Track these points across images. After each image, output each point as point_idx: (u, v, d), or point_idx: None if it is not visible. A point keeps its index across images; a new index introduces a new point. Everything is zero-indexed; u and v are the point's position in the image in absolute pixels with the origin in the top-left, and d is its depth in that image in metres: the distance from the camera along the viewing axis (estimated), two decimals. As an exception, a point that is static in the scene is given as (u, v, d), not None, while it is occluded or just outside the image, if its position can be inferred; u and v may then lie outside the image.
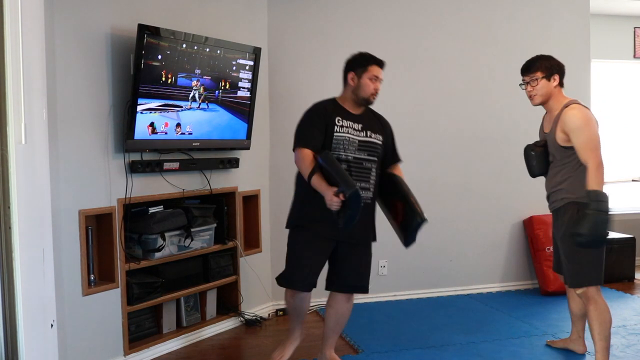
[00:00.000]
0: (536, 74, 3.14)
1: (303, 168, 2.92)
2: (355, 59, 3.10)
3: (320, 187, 2.82)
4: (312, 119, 3.00)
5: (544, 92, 3.14)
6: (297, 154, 2.95)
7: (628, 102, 5.96)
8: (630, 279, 5.13)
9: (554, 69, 3.13)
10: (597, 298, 3.01)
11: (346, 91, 3.11)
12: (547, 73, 3.12)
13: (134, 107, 3.22)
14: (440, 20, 4.69)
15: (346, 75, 3.10)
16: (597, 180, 2.87)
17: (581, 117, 2.99)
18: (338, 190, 2.73)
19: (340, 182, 2.74)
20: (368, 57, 3.09)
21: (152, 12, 3.43)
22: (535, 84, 3.15)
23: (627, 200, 5.89)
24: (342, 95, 3.12)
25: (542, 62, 3.15)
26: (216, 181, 3.89)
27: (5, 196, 2.28)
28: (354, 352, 3.57)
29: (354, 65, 3.07)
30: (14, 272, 2.29)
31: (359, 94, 3.06)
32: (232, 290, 4.08)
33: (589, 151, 2.93)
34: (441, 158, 4.69)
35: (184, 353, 3.60)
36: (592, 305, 3.02)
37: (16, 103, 2.25)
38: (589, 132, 2.96)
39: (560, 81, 3.15)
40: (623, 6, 5.42)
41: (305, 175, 2.89)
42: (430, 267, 4.71)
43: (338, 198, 2.72)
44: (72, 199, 3.07)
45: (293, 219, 3.10)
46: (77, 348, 3.10)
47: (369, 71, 3.04)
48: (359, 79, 3.04)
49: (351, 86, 3.07)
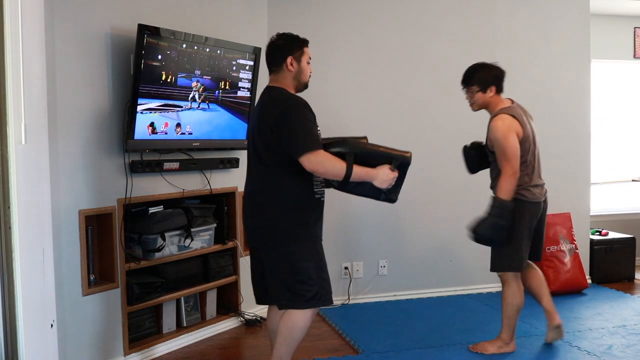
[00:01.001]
0: (472, 88, 3.37)
1: (335, 167, 2.60)
2: (289, 41, 2.75)
3: (369, 173, 2.65)
4: (309, 117, 2.67)
5: (480, 103, 3.39)
6: (318, 157, 2.58)
7: (628, 102, 5.95)
8: (630, 279, 5.13)
9: (490, 82, 3.33)
10: (512, 282, 3.36)
11: (285, 79, 2.75)
12: (482, 87, 3.34)
13: (134, 107, 3.22)
14: (440, 20, 4.69)
15: (282, 61, 2.72)
16: (506, 188, 3.18)
17: (501, 128, 3.21)
18: (394, 164, 2.67)
19: (390, 156, 2.68)
20: (300, 38, 2.78)
21: (152, 12, 3.43)
22: (472, 96, 3.38)
23: (627, 200, 5.89)
24: (283, 84, 2.75)
25: (479, 75, 3.34)
26: (216, 181, 3.89)
27: (5, 196, 2.28)
28: (354, 352, 3.57)
29: (291, 48, 2.73)
30: (14, 272, 2.29)
31: (300, 80, 2.77)
32: (232, 290, 4.08)
33: (503, 161, 3.20)
34: (441, 158, 4.69)
35: (184, 353, 3.60)
36: (505, 287, 3.38)
37: (16, 103, 2.26)
38: (505, 144, 3.19)
39: (498, 90, 3.35)
40: (623, 6, 5.42)
41: (342, 171, 2.60)
42: (430, 267, 4.71)
43: (395, 173, 2.68)
44: (72, 199, 3.07)
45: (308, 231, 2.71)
46: (77, 348, 3.10)
47: (305, 53, 2.77)
48: (298, 63, 2.74)
49: (292, 72, 2.73)
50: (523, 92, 4.49)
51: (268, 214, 2.70)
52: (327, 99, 4.39)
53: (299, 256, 2.68)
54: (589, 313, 4.25)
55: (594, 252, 5.07)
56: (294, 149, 2.59)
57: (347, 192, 2.81)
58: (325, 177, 2.69)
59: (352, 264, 4.57)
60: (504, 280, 3.39)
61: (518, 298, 3.37)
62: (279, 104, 2.66)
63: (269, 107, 2.69)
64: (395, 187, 2.73)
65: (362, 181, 2.68)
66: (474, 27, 4.74)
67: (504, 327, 3.44)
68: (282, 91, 2.72)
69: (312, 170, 2.61)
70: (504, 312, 3.41)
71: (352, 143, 2.68)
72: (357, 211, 4.52)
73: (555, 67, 4.92)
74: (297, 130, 2.60)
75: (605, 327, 3.92)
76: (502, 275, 3.40)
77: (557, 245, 4.75)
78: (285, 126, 2.60)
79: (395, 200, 2.80)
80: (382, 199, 2.79)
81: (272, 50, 2.76)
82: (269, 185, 2.69)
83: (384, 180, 2.67)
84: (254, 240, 2.82)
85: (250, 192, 2.78)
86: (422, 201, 4.69)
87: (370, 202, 2.88)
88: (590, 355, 3.44)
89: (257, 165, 2.72)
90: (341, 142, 2.69)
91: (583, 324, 4.02)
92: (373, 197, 2.79)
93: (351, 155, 2.62)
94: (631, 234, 5.29)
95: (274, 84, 2.76)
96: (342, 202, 4.47)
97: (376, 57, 4.57)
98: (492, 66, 3.37)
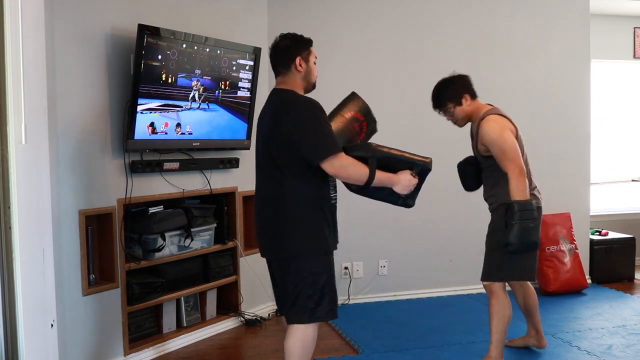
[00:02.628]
0: (448, 106, 3.19)
1: (359, 172, 2.53)
2: (296, 42, 2.67)
3: (391, 178, 2.59)
4: (325, 118, 2.59)
5: (463, 116, 3.21)
6: (342, 161, 2.49)
7: (628, 102, 5.95)
8: (630, 279, 5.13)
9: (460, 92, 3.16)
10: (500, 293, 3.14)
11: (295, 80, 2.66)
12: (455, 100, 3.16)
13: (134, 107, 3.22)
14: (440, 20, 4.69)
15: (290, 62, 2.64)
16: (519, 188, 2.95)
17: (494, 128, 3.05)
18: (415, 170, 2.64)
19: (412, 162, 2.65)
20: (305, 38, 2.71)
21: (152, 12, 3.43)
22: (451, 114, 3.22)
23: (627, 200, 5.89)
24: (292, 86, 2.66)
25: (446, 92, 3.18)
26: (216, 181, 3.90)
27: (5, 196, 2.28)
28: (354, 352, 3.57)
29: (299, 48, 2.65)
30: (14, 272, 2.29)
31: (310, 80, 2.70)
32: (232, 290, 4.08)
33: (506, 161, 3.00)
34: (441, 158, 4.66)
35: (184, 353, 3.60)
36: (494, 299, 3.15)
37: (16, 103, 2.26)
38: (503, 143, 3.01)
39: (472, 95, 3.18)
40: (623, 6, 5.42)
41: (365, 176, 2.54)
42: (430, 267, 4.71)
43: (416, 179, 2.64)
44: (72, 199, 3.07)
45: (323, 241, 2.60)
46: (77, 348, 3.10)
47: (312, 53, 2.71)
48: (307, 63, 2.67)
49: (300, 73, 2.65)
50: (523, 92, 4.50)
51: (283, 220, 2.58)
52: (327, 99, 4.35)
53: (312, 268, 2.57)
54: (588, 313, 4.25)
55: (594, 252, 5.07)
56: (314, 153, 2.49)
57: (365, 196, 2.75)
58: (347, 181, 2.63)
59: (352, 264, 4.57)
60: (492, 291, 3.15)
61: (508, 309, 3.14)
62: (292, 108, 2.56)
63: (282, 110, 2.58)
64: (413, 192, 2.70)
65: (382, 186, 2.65)
66: (474, 27, 4.74)
67: (494, 344, 3.14)
68: (294, 94, 2.62)
69: (335, 175, 2.54)
70: (495, 326, 3.13)
71: (375, 148, 2.63)
72: (357, 211, 4.51)
73: (555, 67, 4.92)
74: (316, 134, 2.50)
75: (605, 327, 3.92)
76: (489, 286, 3.16)
77: (557, 245, 4.75)
78: (302, 130, 2.50)
79: (412, 206, 2.77)
80: (400, 204, 2.75)
81: (279, 51, 2.67)
82: (286, 190, 2.57)
83: (405, 186, 2.62)
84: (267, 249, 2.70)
85: (264, 197, 2.67)
86: (422, 201, 4.65)
87: (371, 202, 2.88)
88: (590, 355, 3.44)
89: (272, 170, 2.61)
90: (364, 146, 2.65)
91: (583, 324, 4.02)
92: (391, 202, 2.75)
93: (374, 160, 2.57)
94: (631, 234, 5.29)
95: (283, 86, 2.67)
96: (342, 202, 4.47)
97: (376, 57, 4.57)
98: (453, 77, 3.22)
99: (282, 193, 2.57)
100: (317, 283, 2.57)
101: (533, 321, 3.45)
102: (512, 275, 3.19)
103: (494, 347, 3.14)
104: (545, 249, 4.71)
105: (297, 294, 2.58)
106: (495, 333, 3.13)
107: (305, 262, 2.57)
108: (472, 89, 3.21)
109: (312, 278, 2.56)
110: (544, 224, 4.77)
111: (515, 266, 3.11)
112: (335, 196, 2.72)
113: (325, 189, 2.64)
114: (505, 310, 3.13)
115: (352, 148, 2.62)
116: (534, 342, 3.49)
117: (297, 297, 2.58)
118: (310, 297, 2.57)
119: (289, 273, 2.59)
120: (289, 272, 2.59)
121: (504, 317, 3.13)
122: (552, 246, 4.74)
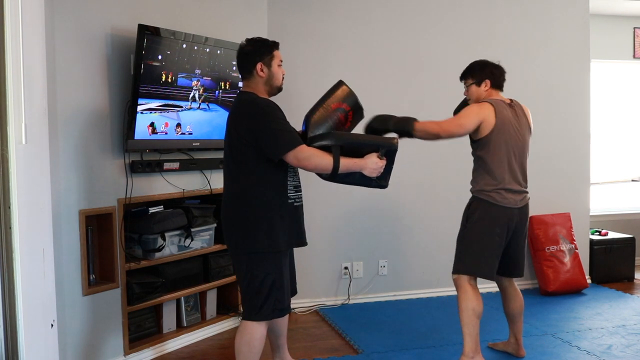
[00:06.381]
0: (468, 81, 3.36)
1: (323, 161, 2.61)
2: (257, 47, 2.73)
3: (356, 163, 2.67)
4: (280, 115, 2.67)
5: (475, 97, 3.34)
6: (304, 152, 2.60)
7: (628, 102, 5.96)
8: (630, 279, 5.13)
9: (485, 76, 3.30)
10: (467, 287, 3.15)
11: (257, 84, 2.73)
12: (477, 80, 3.31)
13: (134, 107, 3.22)
14: (440, 20, 4.70)
15: (252, 68, 2.71)
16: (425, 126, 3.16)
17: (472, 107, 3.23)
18: (381, 152, 2.70)
19: (376, 144, 2.72)
20: (269, 42, 2.76)
21: (152, 12, 3.43)
22: (467, 90, 3.38)
23: (627, 200, 5.89)
24: (254, 89, 2.74)
25: (475, 69, 3.34)
26: (216, 181, 3.89)
27: (5, 196, 2.29)
28: (354, 352, 3.57)
29: (260, 54, 2.71)
30: (14, 272, 2.29)
31: (273, 84, 2.76)
32: (232, 290, 4.08)
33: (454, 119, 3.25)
34: (441, 158, 4.69)
35: (184, 353, 3.60)
36: (461, 293, 3.17)
37: (16, 103, 2.26)
38: (464, 114, 3.19)
39: (493, 84, 3.31)
40: (623, 6, 5.42)
41: (330, 165, 2.62)
42: (430, 267, 4.71)
43: (383, 160, 2.70)
44: (72, 199, 3.07)
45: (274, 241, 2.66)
46: (77, 348, 3.10)
47: (275, 57, 2.75)
48: (269, 68, 2.72)
49: (263, 78, 2.72)
50: (523, 92, 4.48)
51: (237, 218, 2.70)
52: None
53: (257, 268, 2.65)
54: (588, 313, 4.26)
55: (594, 252, 5.07)
56: (275, 149, 2.59)
57: (337, 182, 2.82)
58: (314, 171, 2.70)
59: (352, 264, 4.57)
60: (459, 285, 3.18)
61: (473, 301, 3.11)
62: (247, 109, 2.67)
63: (239, 112, 2.70)
64: (384, 173, 2.77)
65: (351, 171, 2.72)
66: (474, 27, 4.74)
67: (466, 339, 3.11)
68: (252, 96, 2.71)
69: (300, 166, 2.64)
70: (462, 320, 3.13)
71: (337, 135, 2.70)
72: (357, 211, 4.52)
73: (555, 67, 4.93)
74: (275, 131, 2.60)
75: (605, 327, 3.92)
76: (456, 280, 3.20)
77: (557, 245, 4.75)
78: (260, 129, 2.59)
79: (386, 186, 2.83)
80: (374, 186, 2.82)
81: (241, 56, 2.75)
82: (241, 190, 2.69)
83: (373, 169, 2.70)
84: (227, 243, 2.81)
85: (225, 196, 2.79)
86: (422, 201, 4.70)
87: (371, 201, 2.90)
88: (590, 355, 3.45)
89: (232, 170, 2.72)
90: (326, 135, 2.71)
91: (583, 324, 4.02)
92: (364, 185, 2.82)
93: (337, 148, 2.64)
94: (631, 234, 5.29)
95: (246, 89, 2.77)
96: (342, 202, 4.48)
97: (376, 56, 4.58)
98: (491, 63, 3.35)
99: (238, 193, 2.70)
100: (263, 282, 2.66)
101: (514, 329, 3.44)
102: (469, 269, 3.19)
103: (466, 342, 3.13)
104: (545, 248, 4.71)
105: (244, 292, 2.71)
106: (464, 326, 3.14)
107: (251, 261, 2.66)
108: (498, 80, 3.33)
109: (260, 277, 2.65)
110: (544, 223, 4.79)
111: (473, 261, 3.18)
112: (297, 197, 2.78)
113: (281, 190, 2.71)
114: (472, 303, 3.12)
115: (315, 138, 2.70)
116: (512, 351, 3.47)
117: (245, 295, 2.71)
118: (256, 295, 2.66)
119: (239, 271, 2.73)
120: (239, 270, 2.73)
121: (471, 310, 3.11)
122: (552, 246, 4.74)
